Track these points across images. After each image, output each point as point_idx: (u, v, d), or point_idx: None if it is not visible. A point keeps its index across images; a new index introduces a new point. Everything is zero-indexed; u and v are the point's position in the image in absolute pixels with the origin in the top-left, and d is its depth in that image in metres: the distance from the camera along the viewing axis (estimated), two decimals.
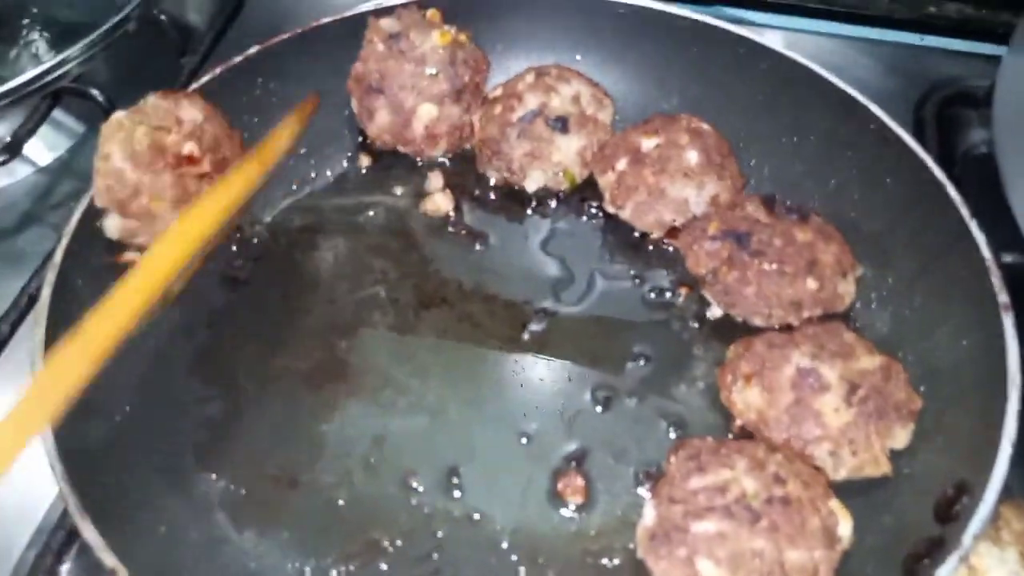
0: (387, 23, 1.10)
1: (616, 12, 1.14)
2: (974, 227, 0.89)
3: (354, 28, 1.11)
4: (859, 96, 1.02)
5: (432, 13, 1.12)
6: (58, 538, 0.89)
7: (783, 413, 0.88)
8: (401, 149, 1.15)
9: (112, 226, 0.95)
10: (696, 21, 1.11)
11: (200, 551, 0.84)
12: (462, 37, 1.12)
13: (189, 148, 0.94)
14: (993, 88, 1.13)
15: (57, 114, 1.25)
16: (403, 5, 1.12)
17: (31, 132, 1.18)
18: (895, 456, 0.86)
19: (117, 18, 1.22)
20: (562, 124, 1.09)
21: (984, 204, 1.02)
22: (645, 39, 1.15)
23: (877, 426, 0.85)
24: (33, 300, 1.05)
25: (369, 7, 1.13)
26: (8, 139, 1.16)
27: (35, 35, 1.29)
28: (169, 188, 0.93)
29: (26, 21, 1.29)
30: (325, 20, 1.11)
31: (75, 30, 1.21)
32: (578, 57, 1.19)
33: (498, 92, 1.14)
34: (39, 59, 1.25)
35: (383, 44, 1.10)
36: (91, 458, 0.82)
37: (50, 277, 0.88)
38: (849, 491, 0.84)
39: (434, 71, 1.09)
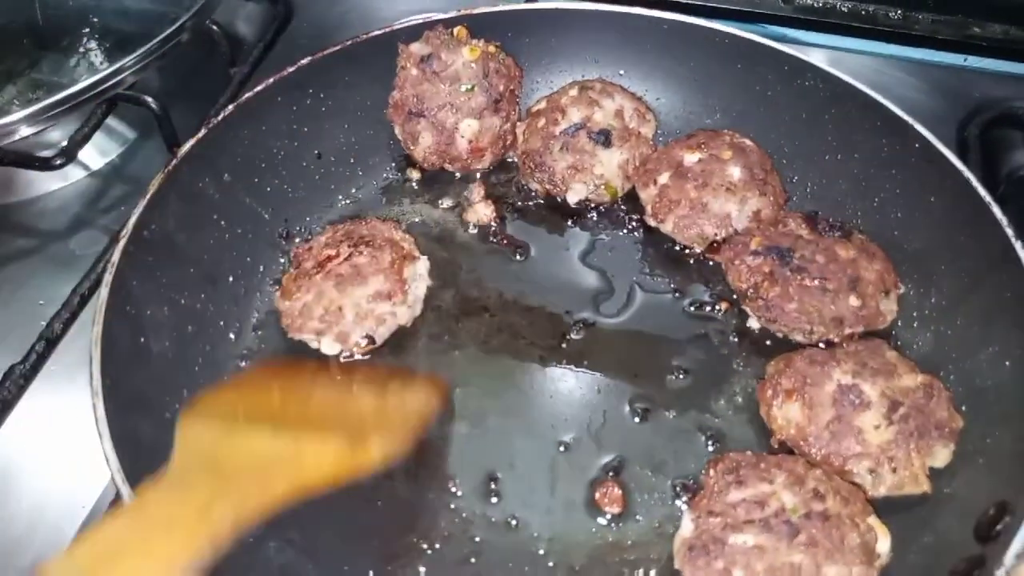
0: (417, 47, 1.13)
1: (661, 28, 1.15)
2: (1019, 248, 0.89)
3: (401, 40, 1.13)
4: (903, 115, 1.02)
5: (459, 30, 1.14)
6: None
7: (823, 429, 0.88)
8: (448, 167, 1.17)
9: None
10: (740, 38, 1.12)
11: (240, 549, 0.85)
12: (491, 48, 1.14)
13: None
14: None
15: (110, 120, 1.28)
16: (429, 27, 1.13)
17: (87, 138, 1.21)
18: (935, 475, 0.86)
19: (171, 29, 1.25)
20: (605, 137, 1.10)
21: None
22: (689, 55, 1.16)
23: (918, 444, 0.85)
24: (84, 300, 1.08)
25: (417, 20, 1.15)
26: (65, 143, 1.19)
27: (93, 44, 1.33)
28: None
29: (85, 31, 1.33)
30: (374, 32, 1.13)
31: (131, 40, 1.25)
32: (622, 72, 1.20)
33: (542, 105, 1.16)
34: (95, 68, 1.29)
35: (416, 68, 1.12)
36: (142, 452, 0.83)
37: (108, 278, 0.90)
38: (889, 508, 0.84)
39: (469, 86, 1.11)
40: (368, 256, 1.00)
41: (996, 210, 0.93)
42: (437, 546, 0.87)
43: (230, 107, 1.06)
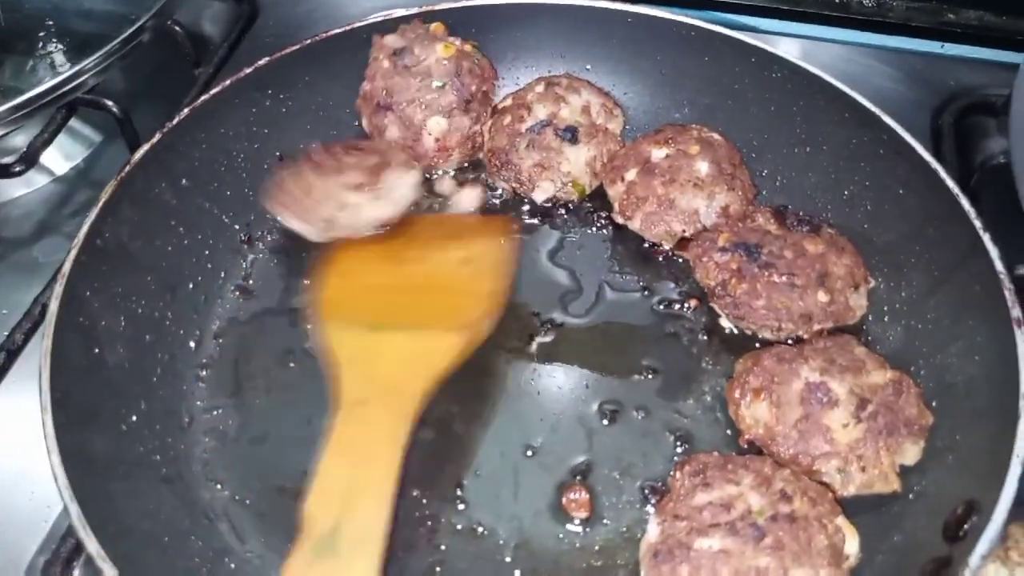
0: (391, 39, 1.11)
1: (626, 21, 1.14)
2: (987, 240, 0.88)
3: (363, 39, 1.12)
4: (872, 107, 1.01)
5: (436, 26, 1.12)
6: (68, 545, 0.89)
7: (791, 428, 0.86)
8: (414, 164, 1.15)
9: None
10: (707, 30, 1.10)
11: (203, 561, 0.84)
12: (467, 47, 1.12)
13: None
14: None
15: (74, 123, 1.26)
16: (406, 20, 1.12)
17: (47, 143, 1.19)
18: (906, 473, 0.84)
19: (131, 29, 1.23)
20: (571, 134, 1.09)
21: (1001, 214, 1.01)
22: (656, 48, 1.15)
23: (887, 442, 0.84)
24: (46, 310, 1.06)
25: (379, 18, 1.14)
26: (24, 149, 1.17)
27: (51, 47, 1.30)
28: None
29: (42, 34, 1.31)
30: (333, 31, 1.12)
31: (90, 42, 1.22)
32: (588, 67, 1.19)
33: (507, 102, 1.14)
34: (56, 70, 1.27)
35: (388, 61, 1.10)
36: (96, 467, 0.82)
37: (58, 289, 0.89)
38: (858, 508, 0.83)
39: (441, 83, 1.09)
40: (355, 158, 1.05)
41: (964, 202, 0.91)
42: (400, 555, 0.85)
43: (185, 111, 1.04)
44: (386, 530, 0.81)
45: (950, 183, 0.93)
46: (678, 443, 0.92)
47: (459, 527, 0.87)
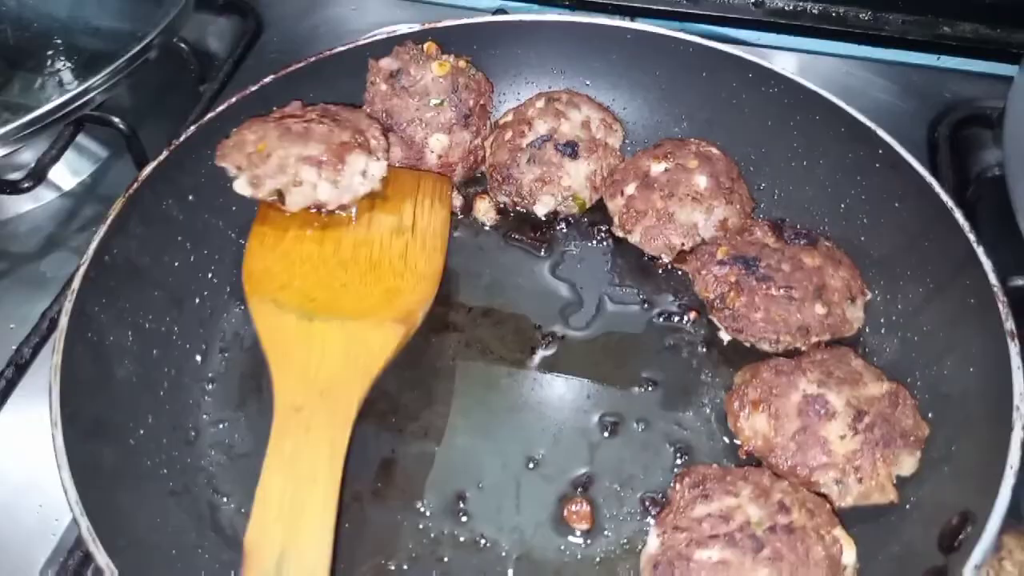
0: (386, 62, 1.13)
1: (625, 38, 1.15)
2: (981, 253, 0.89)
3: (365, 57, 1.13)
4: (868, 121, 1.02)
5: (429, 45, 1.14)
6: (76, 557, 0.91)
7: (789, 440, 0.88)
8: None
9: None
10: (704, 46, 1.12)
11: (210, 573, 0.85)
12: (461, 63, 1.14)
13: None
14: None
15: (81, 139, 1.27)
16: (408, 38, 1.14)
17: (55, 159, 1.20)
18: (902, 484, 0.85)
19: (138, 47, 1.24)
20: (572, 149, 1.10)
21: (997, 226, 1.02)
22: (654, 64, 1.16)
23: (884, 453, 0.85)
24: (54, 324, 1.07)
25: (382, 35, 1.15)
26: (33, 165, 1.19)
27: (59, 64, 1.32)
28: None
29: (51, 52, 1.33)
30: (337, 49, 1.13)
31: (98, 59, 1.24)
32: (588, 82, 1.20)
33: (508, 118, 1.16)
34: (63, 88, 1.29)
35: (385, 83, 1.12)
36: (104, 480, 0.83)
37: (68, 305, 0.90)
38: (856, 518, 0.84)
39: (439, 101, 1.11)
40: (327, 128, 1.00)
41: (959, 215, 0.92)
42: (405, 567, 0.87)
43: (192, 128, 1.05)
44: (331, 556, 0.79)
45: (944, 196, 0.94)
46: (678, 455, 0.93)
47: (461, 539, 0.88)
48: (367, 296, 0.96)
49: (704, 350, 1.01)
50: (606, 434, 0.95)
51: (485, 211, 1.14)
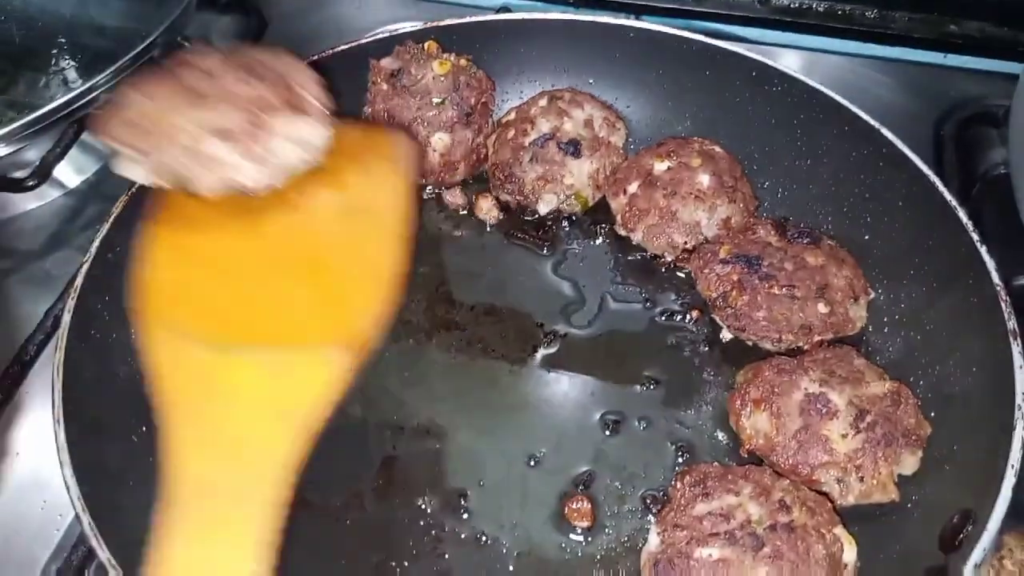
0: (387, 62, 1.13)
1: (628, 36, 1.15)
2: (984, 253, 0.89)
3: (367, 56, 1.13)
4: (872, 120, 1.02)
5: (429, 44, 1.14)
6: (79, 553, 0.91)
7: (791, 439, 0.87)
8: (423, 182, 1.16)
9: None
10: (707, 44, 1.11)
11: None
12: (462, 62, 1.14)
13: None
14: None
15: (85, 137, 1.27)
16: (400, 41, 1.13)
17: (59, 157, 1.21)
18: (904, 483, 0.85)
19: (143, 45, 1.24)
20: (574, 148, 1.10)
21: (1003, 225, 1.02)
22: (657, 62, 1.16)
23: (885, 452, 0.85)
24: (59, 322, 1.08)
25: (384, 33, 1.15)
26: (37, 164, 1.19)
27: (64, 63, 1.32)
28: None
29: (55, 51, 1.33)
30: (340, 48, 1.13)
31: (102, 58, 1.24)
32: (591, 81, 1.20)
33: (511, 116, 1.16)
34: (68, 86, 1.29)
35: (386, 83, 1.12)
36: (107, 478, 0.84)
37: (71, 303, 0.90)
38: (857, 517, 0.84)
39: (440, 100, 1.11)
40: (243, 83, 0.76)
41: (962, 215, 0.92)
42: (406, 564, 0.87)
43: None
44: None
45: (948, 196, 0.94)
46: (679, 453, 0.93)
47: (463, 536, 0.89)
48: (302, 312, 0.73)
49: (706, 349, 1.01)
50: (608, 432, 0.95)
51: (487, 210, 1.14)
